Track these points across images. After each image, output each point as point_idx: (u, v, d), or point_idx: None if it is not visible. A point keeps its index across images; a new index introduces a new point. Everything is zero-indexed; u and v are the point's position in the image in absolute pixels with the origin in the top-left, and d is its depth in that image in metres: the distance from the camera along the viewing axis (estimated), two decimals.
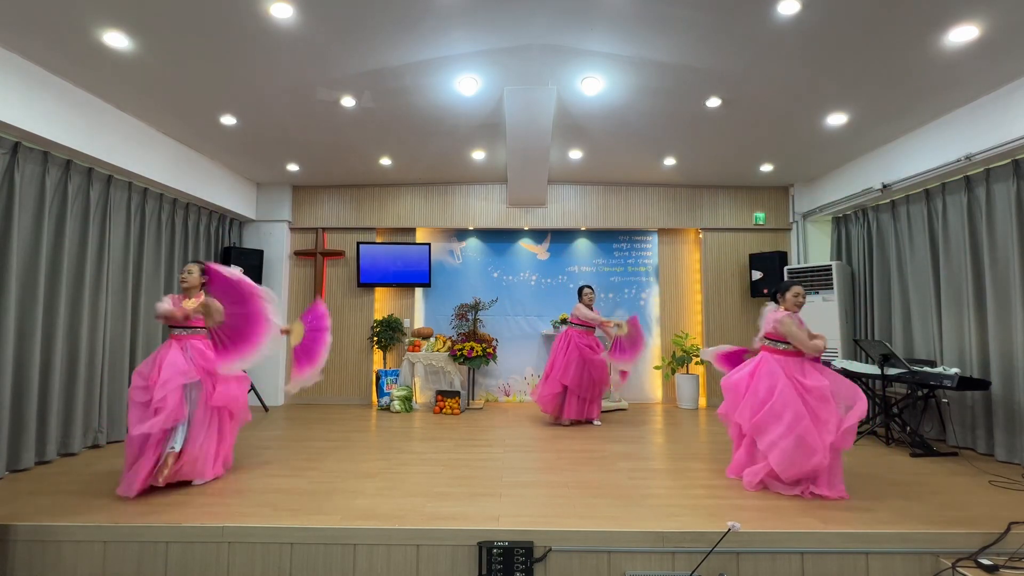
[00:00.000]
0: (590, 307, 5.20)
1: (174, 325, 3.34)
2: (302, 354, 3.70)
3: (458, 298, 6.55)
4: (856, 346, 5.32)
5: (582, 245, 6.72)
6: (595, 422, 5.14)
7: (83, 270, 4.05)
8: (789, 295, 3.35)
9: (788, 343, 3.28)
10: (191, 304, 3.34)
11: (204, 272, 3.45)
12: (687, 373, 6.13)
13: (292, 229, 6.53)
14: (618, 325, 5.14)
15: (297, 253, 6.52)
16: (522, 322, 6.61)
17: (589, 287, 5.28)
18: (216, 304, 3.31)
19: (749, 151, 5.21)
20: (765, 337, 3.39)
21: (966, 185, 4.25)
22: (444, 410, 5.71)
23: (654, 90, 3.90)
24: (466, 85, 3.83)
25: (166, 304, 3.31)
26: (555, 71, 3.68)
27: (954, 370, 3.92)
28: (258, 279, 6.05)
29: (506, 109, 4.18)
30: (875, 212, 5.29)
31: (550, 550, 2.51)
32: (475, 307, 6.38)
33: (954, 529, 2.57)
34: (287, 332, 3.66)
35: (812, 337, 3.26)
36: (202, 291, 3.44)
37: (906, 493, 3.12)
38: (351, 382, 6.40)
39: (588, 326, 5.17)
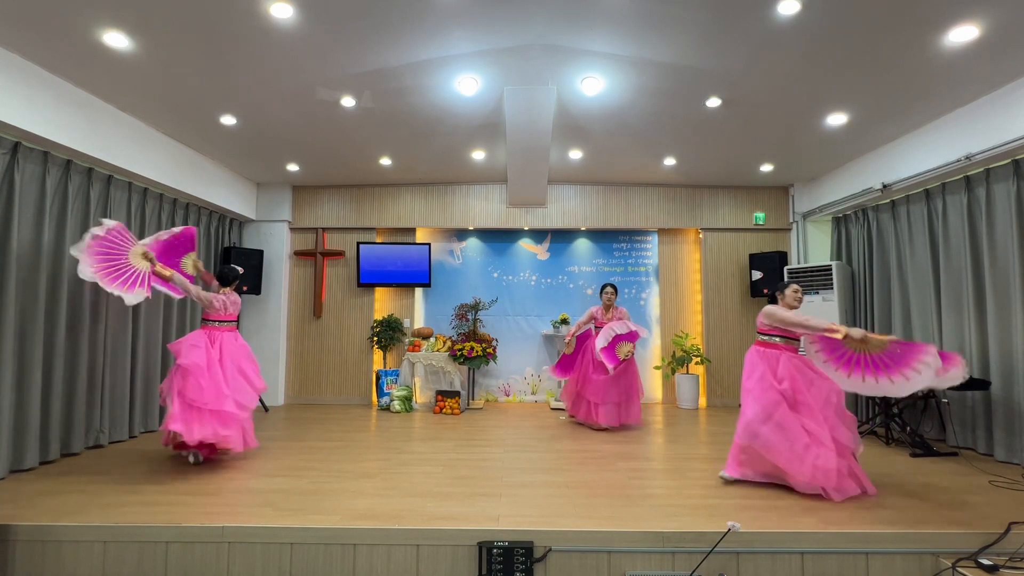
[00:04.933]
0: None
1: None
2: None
3: (458, 298, 6.55)
4: None
5: (582, 245, 6.73)
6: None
7: None
8: (789, 291, 3.44)
9: (782, 335, 3.38)
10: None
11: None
12: (687, 373, 6.13)
13: (292, 229, 6.53)
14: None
15: (297, 253, 6.52)
16: (522, 322, 6.61)
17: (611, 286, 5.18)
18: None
19: (749, 151, 5.21)
20: (757, 332, 3.51)
21: (966, 185, 4.25)
22: (444, 410, 5.71)
23: (654, 90, 3.90)
24: (466, 85, 3.83)
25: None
26: (555, 71, 3.68)
27: None
28: (258, 279, 6.07)
29: (506, 109, 4.18)
30: (875, 212, 5.29)
31: (550, 550, 2.51)
32: (475, 307, 6.37)
33: (954, 529, 2.57)
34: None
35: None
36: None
37: (906, 493, 3.12)
38: (351, 382, 6.40)
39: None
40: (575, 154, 5.36)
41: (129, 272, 3.66)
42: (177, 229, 4.09)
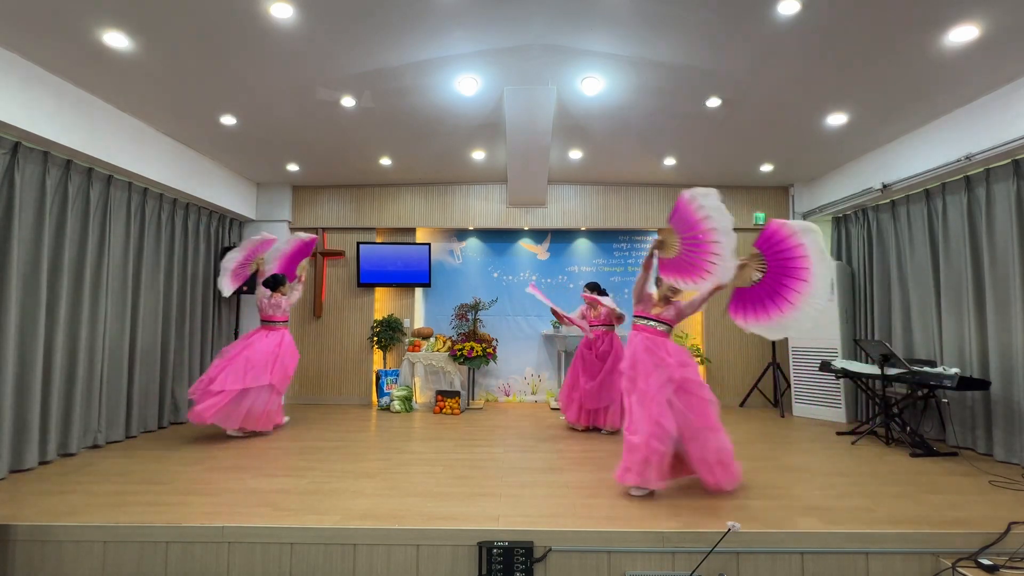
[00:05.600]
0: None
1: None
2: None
3: (458, 298, 6.55)
4: (856, 346, 5.33)
5: (582, 245, 6.72)
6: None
7: (83, 270, 4.05)
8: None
9: (644, 316, 3.38)
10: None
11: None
12: None
13: (292, 229, 6.52)
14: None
15: None
16: (522, 322, 6.61)
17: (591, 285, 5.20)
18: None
19: (749, 151, 5.21)
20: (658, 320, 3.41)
21: (966, 185, 4.25)
22: (444, 410, 5.71)
23: (654, 90, 3.90)
24: (466, 85, 3.83)
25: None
26: (555, 71, 3.68)
27: (954, 370, 3.92)
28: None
29: (506, 109, 4.18)
30: (875, 212, 5.29)
31: (550, 550, 2.51)
32: (475, 307, 6.38)
33: (954, 529, 2.57)
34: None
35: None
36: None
37: (906, 493, 3.12)
38: (351, 382, 6.40)
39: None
40: (575, 154, 5.36)
41: (243, 274, 4.86)
42: (306, 237, 5.07)
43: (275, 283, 4.83)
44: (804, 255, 2.92)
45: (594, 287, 5.17)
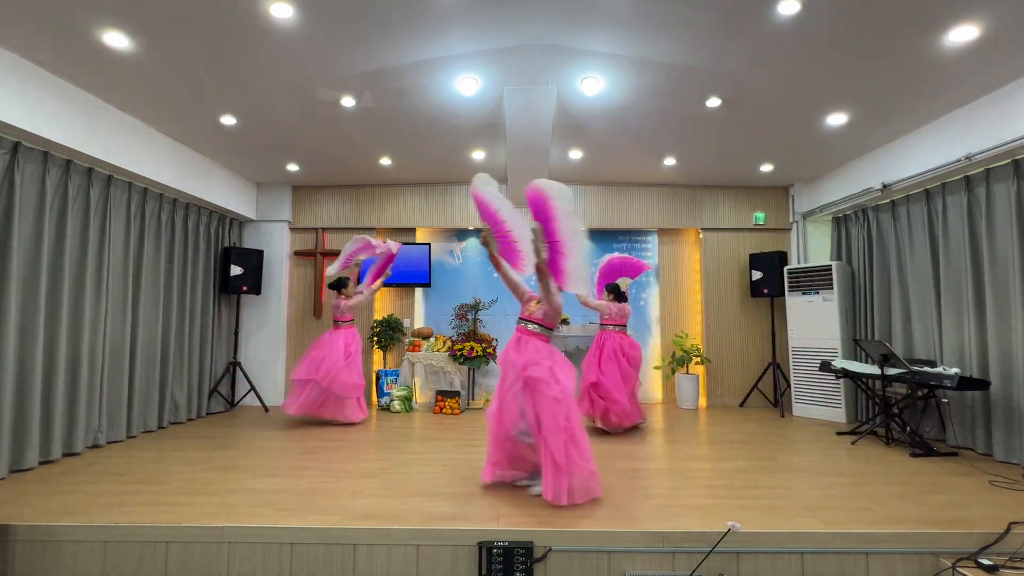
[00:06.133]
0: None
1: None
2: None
3: (458, 298, 6.55)
4: (856, 346, 5.33)
5: None
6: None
7: (84, 270, 4.06)
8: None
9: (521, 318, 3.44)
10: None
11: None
12: (687, 373, 6.13)
13: (292, 229, 6.53)
14: None
15: (297, 253, 6.52)
16: None
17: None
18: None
19: (749, 151, 5.21)
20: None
21: (966, 185, 4.25)
22: (444, 410, 5.71)
23: (654, 90, 3.90)
24: (466, 85, 3.83)
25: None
26: (555, 71, 3.68)
27: (954, 370, 3.92)
28: (258, 279, 6.06)
29: (506, 109, 4.18)
30: (875, 212, 5.29)
31: (550, 550, 2.51)
32: (475, 307, 6.37)
33: (954, 529, 2.57)
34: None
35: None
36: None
37: (906, 493, 3.12)
38: None
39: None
40: (575, 154, 5.36)
41: (346, 264, 5.25)
42: (394, 247, 5.34)
43: (337, 285, 5.24)
44: (550, 205, 3.05)
45: (613, 289, 5.06)
